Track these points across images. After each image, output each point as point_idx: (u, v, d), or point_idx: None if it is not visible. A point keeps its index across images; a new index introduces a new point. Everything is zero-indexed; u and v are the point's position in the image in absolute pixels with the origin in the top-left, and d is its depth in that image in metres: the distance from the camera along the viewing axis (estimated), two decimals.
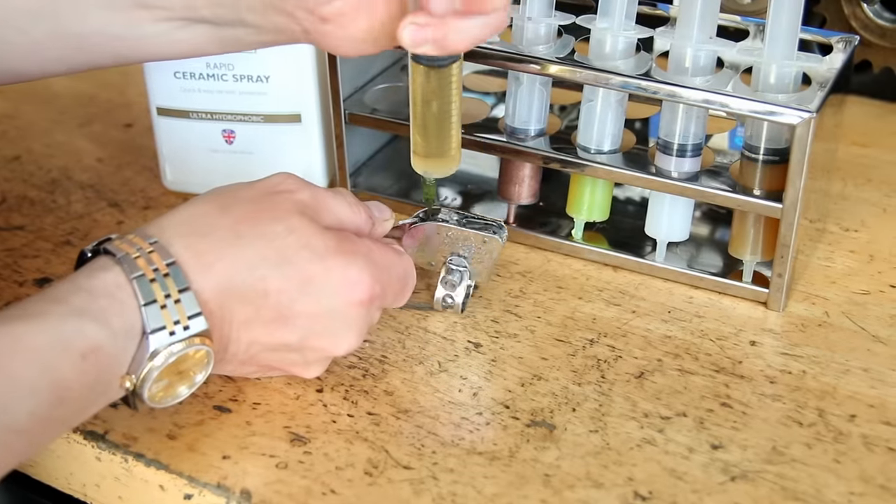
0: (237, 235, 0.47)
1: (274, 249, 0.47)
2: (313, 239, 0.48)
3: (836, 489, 0.47)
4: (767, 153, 0.57)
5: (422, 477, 0.48)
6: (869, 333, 0.56)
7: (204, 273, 0.46)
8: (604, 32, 0.58)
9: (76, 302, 0.43)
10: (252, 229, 0.47)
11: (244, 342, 0.48)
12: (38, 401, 0.41)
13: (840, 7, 0.75)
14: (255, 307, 0.47)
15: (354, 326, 0.49)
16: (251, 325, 0.48)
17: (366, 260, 0.49)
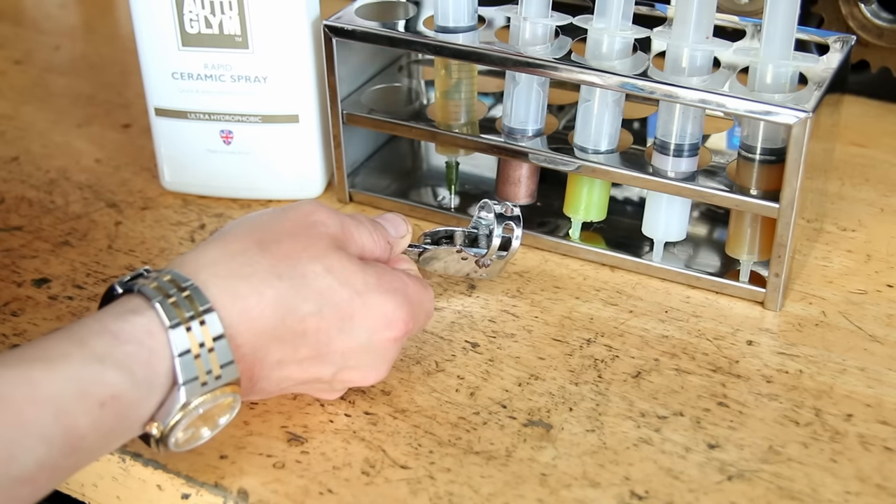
0: (277, 276, 0.46)
1: (314, 290, 0.46)
2: (352, 277, 0.47)
3: (832, 488, 0.47)
4: (764, 153, 0.57)
5: (419, 476, 0.48)
6: (866, 333, 0.56)
7: (242, 318, 0.44)
8: (600, 33, 0.58)
9: (100, 346, 0.41)
10: (291, 269, 0.46)
11: (275, 379, 0.47)
12: (49, 450, 0.39)
13: (837, 7, 0.75)
14: (293, 347, 0.46)
15: (387, 360, 0.49)
16: (285, 364, 0.47)
17: (403, 296, 0.49)
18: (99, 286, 0.60)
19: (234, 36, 0.63)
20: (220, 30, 0.63)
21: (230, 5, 0.62)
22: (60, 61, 0.88)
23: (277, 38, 0.63)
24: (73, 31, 0.94)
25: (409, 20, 0.63)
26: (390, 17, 0.64)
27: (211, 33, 0.63)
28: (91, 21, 0.96)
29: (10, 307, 0.59)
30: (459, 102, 0.64)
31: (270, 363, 0.46)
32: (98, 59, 0.88)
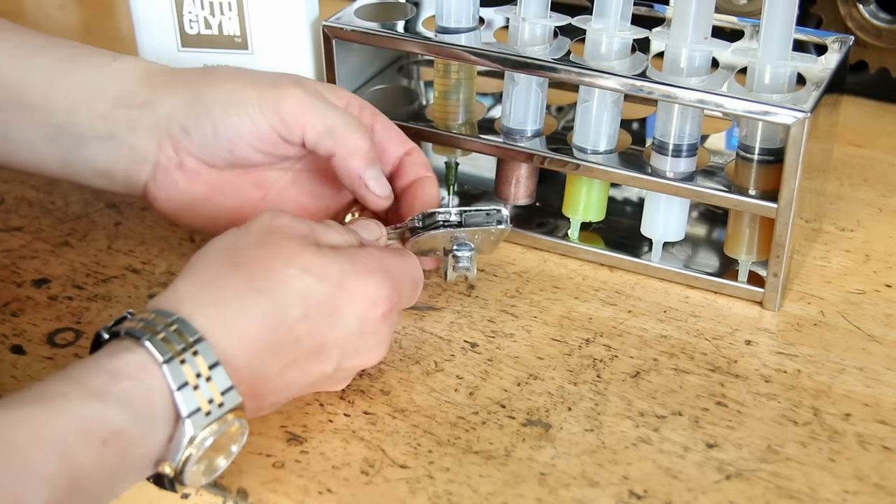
0: (258, 291, 0.45)
1: (296, 294, 0.46)
2: (328, 269, 0.47)
3: (830, 488, 0.47)
4: (762, 153, 0.57)
5: (418, 476, 0.48)
6: (864, 333, 0.57)
7: (232, 341, 0.44)
8: (599, 33, 0.58)
9: (97, 384, 0.41)
10: (269, 280, 0.46)
11: (281, 389, 0.47)
12: (53, 492, 0.39)
13: (836, 8, 0.75)
14: (290, 355, 0.46)
15: (382, 338, 0.49)
16: (287, 371, 0.46)
17: (382, 273, 0.49)
18: (99, 286, 0.60)
19: (233, 37, 0.63)
20: (219, 31, 0.63)
21: (229, 6, 0.63)
22: None
23: (277, 38, 0.63)
24: (74, 33, 0.94)
25: (409, 21, 0.64)
26: (389, 18, 0.64)
27: (210, 34, 0.64)
28: (91, 22, 0.96)
29: (10, 307, 0.59)
30: (458, 103, 0.64)
31: (272, 376, 0.46)
32: None
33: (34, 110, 0.55)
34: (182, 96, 0.54)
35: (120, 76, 0.55)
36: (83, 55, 0.56)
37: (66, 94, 0.54)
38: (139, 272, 0.62)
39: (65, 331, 0.57)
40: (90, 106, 0.54)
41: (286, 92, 0.53)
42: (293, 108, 0.53)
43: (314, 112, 0.53)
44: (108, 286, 0.60)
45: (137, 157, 0.55)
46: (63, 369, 0.42)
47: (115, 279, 0.61)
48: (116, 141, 0.55)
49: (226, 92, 0.53)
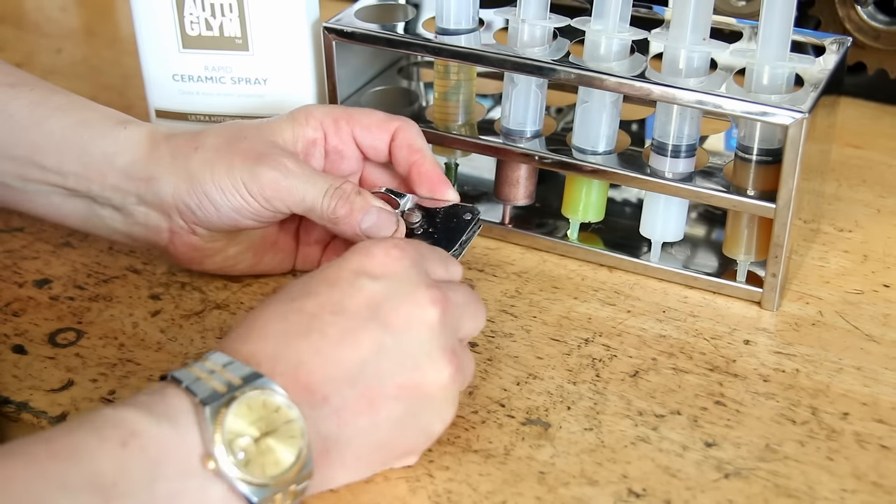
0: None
1: (335, 289, 0.46)
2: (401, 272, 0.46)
3: (828, 486, 0.47)
4: (761, 154, 0.57)
5: (418, 475, 0.48)
6: (862, 332, 0.57)
7: (250, 340, 0.44)
8: (598, 34, 0.58)
9: (114, 408, 0.41)
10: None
11: (335, 377, 0.44)
12: (76, 499, 0.38)
13: (834, 9, 0.75)
14: (317, 332, 0.44)
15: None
16: (323, 351, 0.44)
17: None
18: (100, 287, 0.61)
19: (234, 38, 0.64)
20: (220, 32, 0.64)
21: (230, 7, 0.63)
22: (62, 64, 0.88)
23: (277, 40, 0.64)
24: (75, 34, 0.94)
25: (409, 22, 0.64)
26: (390, 20, 0.64)
27: (211, 35, 0.64)
28: (92, 24, 0.96)
29: (11, 307, 0.59)
30: (458, 104, 0.65)
31: (309, 360, 0.43)
32: (99, 61, 0.88)
33: (48, 173, 0.56)
34: (180, 175, 0.55)
35: (129, 147, 0.56)
36: (95, 121, 0.56)
37: (78, 162, 0.56)
38: (140, 273, 0.62)
39: (66, 331, 0.57)
40: (102, 176, 0.56)
41: (264, 176, 0.53)
42: (274, 192, 0.54)
43: (293, 194, 0.54)
44: (109, 286, 0.61)
45: (151, 226, 0.57)
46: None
47: (116, 279, 0.61)
48: (129, 210, 0.56)
49: (216, 174, 0.54)
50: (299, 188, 0.54)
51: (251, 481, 0.40)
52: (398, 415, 0.45)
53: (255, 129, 0.56)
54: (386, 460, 0.47)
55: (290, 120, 0.57)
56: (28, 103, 0.57)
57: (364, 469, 0.46)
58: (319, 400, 0.43)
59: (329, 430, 0.43)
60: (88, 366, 0.55)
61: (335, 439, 0.43)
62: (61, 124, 0.56)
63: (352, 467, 0.45)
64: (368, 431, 0.44)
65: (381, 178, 0.59)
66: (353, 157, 0.58)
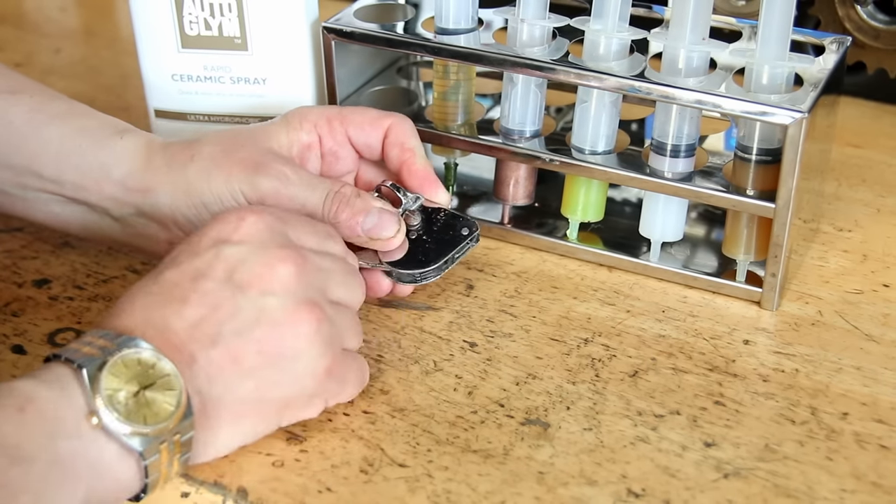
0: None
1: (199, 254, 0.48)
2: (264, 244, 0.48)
3: (828, 486, 0.47)
4: (760, 153, 0.57)
5: (417, 475, 0.48)
6: (862, 332, 0.57)
7: (123, 310, 0.46)
8: (598, 34, 0.58)
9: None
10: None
11: (199, 338, 0.46)
12: None
13: (834, 9, 0.75)
14: (172, 296, 0.46)
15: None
16: (182, 312, 0.46)
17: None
18: (99, 287, 0.61)
19: (233, 38, 0.64)
20: (219, 32, 0.64)
21: (229, 7, 0.63)
22: (61, 64, 0.88)
23: (277, 39, 0.64)
24: (74, 34, 0.94)
25: (408, 22, 0.64)
26: (389, 19, 0.64)
27: (210, 35, 0.64)
28: (91, 24, 0.96)
29: (10, 307, 0.59)
30: (457, 104, 0.65)
31: (173, 324, 0.45)
32: (98, 61, 0.88)
33: (46, 181, 0.56)
34: (177, 185, 0.55)
35: (126, 157, 0.56)
36: (93, 130, 0.56)
37: (75, 171, 0.56)
38: (139, 273, 0.62)
39: (65, 331, 0.57)
40: (99, 186, 0.56)
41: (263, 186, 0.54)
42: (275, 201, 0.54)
43: (294, 202, 0.54)
44: (108, 286, 0.61)
45: (148, 235, 0.57)
46: None
47: (115, 279, 0.61)
48: (127, 221, 0.57)
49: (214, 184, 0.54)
50: (300, 195, 0.54)
51: (135, 431, 0.43)
52: (262, 368, 0.46)
53: (251, 135, 0.56)
54: (267, 417, 0.48)
55: (284, 124, 0.57)
56: (27, 110, 0.56)
57: (247, 426, 0.47)
58: (187, 359, 0.45)
59: (201, 386, 0.45)
60: None
61: (208, 395, 0.45)
62: (59, 132, 0.56)
63: (231, 423, 0.46)
64: (237, 387, 0.46)
65: (377, 176, 0.59)
66: (348, 156, 0.58)
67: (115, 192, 0.56)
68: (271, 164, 0.54)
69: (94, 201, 0.56)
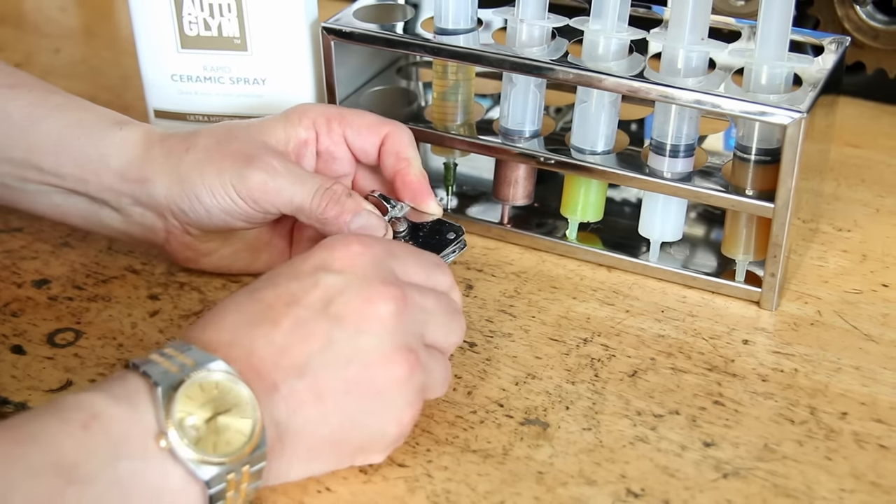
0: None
1: (295, 281, 0.46)
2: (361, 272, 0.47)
3: (827, 486, 0.47)
4: (759, 153, 0.57)
5: (416, 475, 0.48)
6: (861, 332, 0.57)
7: (209, 328, 0.45)
8: (597, 34, 0.58)
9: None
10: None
11: (286, 366, 0.44)
12: (40, 481, 0.38)
13: (833, 9, 0.75)
14: (268, 319, 0.44)
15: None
16: (274, 337, 0.44)
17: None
18: (99, 287, 0.61)
19: (232, 38, 0.64)
20: (218, 32, 0.64)
21: (229, 7, 0.63)
22: (61, 64, 0.88)
23: (276, 40, 0.64)
24: (74, 34, 0.94)
25: (408, 22, 0.64)
26: (388, 20, 0.64)
27: (210, 35, 0.64)
28: (91, 24, 0.96)
29: (10, 308, 0.59)
30: (457, 104, 0.65)
31: (261, 348, 0.44)
32: (98, 61, 0.88)
33: (46, 174, 0.56)
34: (173, 176, 0.55)
35: (124, 148, 0.56)
36: (92, 122, 0.57)
37: (74, 163, 0.56)
38: (139, 273, 0.62)
39: (65, 331, 0.57)
40: (98, 177, 0.56)
41: (252, 178, 0.54)
42: (262, 194, 0.54)
43: (280, 196, 0.54)
44: (108, 287, 0.61)
45: (147, 226, 0.57)
46: None
47: (115, 280, 0.61)
48: (126, 211, 0.57)
49: (206, 176, 0.54)
50: (287, 189, 0.54)
51: (203, 459, 0.41)
52: (347, 409, 0.44)
53: (246, 129, 0.56)
54: (341, 456, 0.46)
55: (282, 119, 0.57)
56: (26, 104, 0.57)
57: (319, 463, 0.46)
58: (269, 386, 0.43)
59: (280, 416, 0.43)
60: (87, 366, 0.55)
61: (286, 427, 0.44)
62: (58, 125, 0.56)
63: (305, 459, 0.45)
64: (318, 423, 0.44)
65: (374, 183, 0.59)
66: (344, 159, 0.58)
67: (113, 183, 0.56)
68: (262, 156, 0.54)
69: (93, 192, 0.56)
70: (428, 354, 0.47)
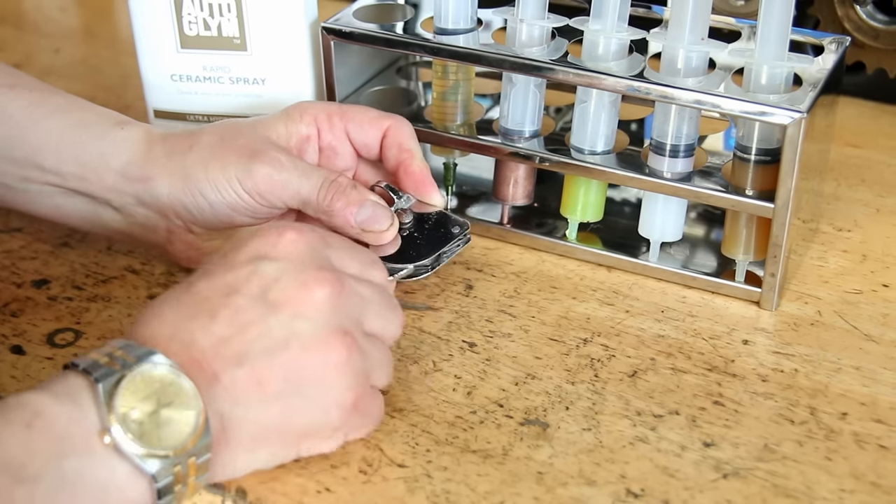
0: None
1: (231, 268, 0.47)
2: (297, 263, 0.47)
3: (826, 486, 0.47)
4: (759, 153, 0.57)
5: (416, 475, 0.48)
6: (861, 332, 0.57)
7: (147, 322, 0.45)
8: (597, 34, 0.58)
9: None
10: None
11: (224, 356, 0.44)
12: None
13: (833, 9, 0.75)
14: (200, 310, 0.45)
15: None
16: (208, 328, 0.44)
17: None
18: (98, 287, 0.61)
19: (232, 38, 0.64)
20: (218, 32, 0.64)
21: (228, 7, 0.63)
22: (60, 64, 0.88)
23: (276, 40, 0.64)
24: (73, 34, 0.94)
25: (407, 22, 0.64)
26: (388, 19, 0.64)
27: (209, 35, 0.64)
28: (91, 24, 0.96)
29: (9, 308, 0.59)
30: (457, 104, 0.65)
31: (198, 340, 0.44)
32: (98, 61, 0.88)
33: (48, 174, 0.56)
34: (176, 175, 0.55)
35: (126, 147, 0.56)
36: (93, 122, 0.57)
37: (76, 163, 0.56)
38: (139, 273, 0.62)
39: (64, 331, 0.57)
40: (99, 177, 0.56)
41: (258, 172, 0.54)
42: (268, 187, 0.54)
43: (287, 189, 0.54)
44: (107, 287, 0.61)
45: (149, 226, 0.57)
46: None
47: (114, 280, 0.61)
48: (128, 211, 0.57)
49: (211, 172, 0.54)
50: (294, 182, 0.54)
51: (149, 453, 0.41)
52: (287, 395, 0.44)
53: (250, 125, 0.57)
54: (286, 444, 0.46)
55: (284, 116, 0.57)
56: (27, 104, 0.57)
57: (265, 453, 0.46)
58: (210, 377, 0.43)
59: (222, 407, 0.43)
60: None
61: (229, 417, 0.44)
62: (59, 125, 0.56)
63: (250, 447, 0.45)
64: (260, 410, 0.44)
65: (374, 177, 0.60)
66: (346, 153, 0.58)
67: (115, 183, 0.56)
68: (267, 151, 0.55)
69: (95, 192, 0.56)
70: (366, 340, 0.47)
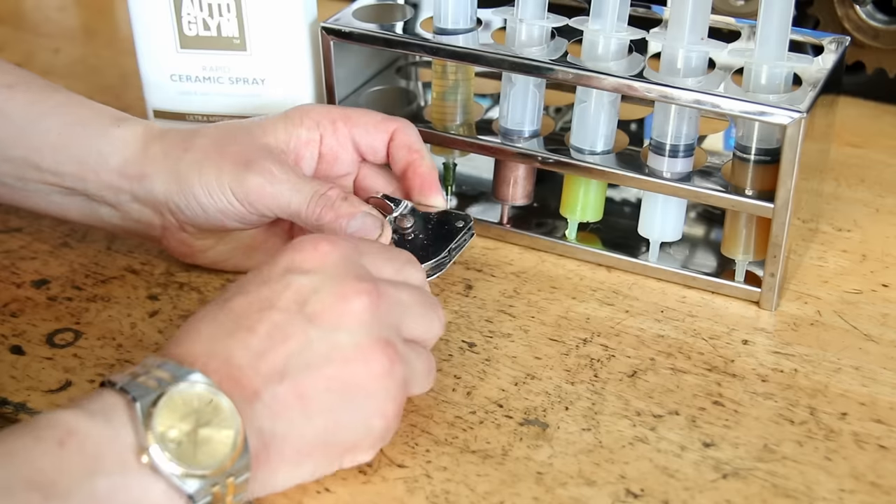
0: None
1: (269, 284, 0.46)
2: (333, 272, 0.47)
3: (826, 486, 0.47)
4: (759, 153, 0.57)
5: (415, 475, 0.48)
6: (861, 332, 0.57)
7: (187, 341, 0.44)
8: (596, 34, 0.58)
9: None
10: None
11: (265, 373, 0.43)
12: (14, 499, 0.37)
13: (833, 9, 0.75)
14: (242, 327, 0.44)
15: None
16: (249, 344, 0.44)
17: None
18: (98, 287, 0.61)
19: (232, 38, 0.64)
20: (218, 32, 0.64)
21: (228, 7, 0.63)
22: (60, 64, 0.88)
23: (275, 40, 0.64)
24: (73, 34, 0.94)
25: (407, 22, 0.64)
26: (388, 19, 0.64)
27: (209, 35, 0.64)
28: (90, 24, 0.96)
29: (9, 308, 0.59)
30: (456, 104, 0.65)
31: (239, 358, 0.43)
32: (97, 61, 0.88)
33: (45, 173, 0.57)
34: (170, 174, 0.55)
35: (123, 145, 0.56)
36: (91, 120, 0.57)
37: (73, 161, 0.56)
38: (138, 273, 0.62)
39: (64, 331, 0.57)
40: (97, 174, 0.56)
41: (250, 182, 0.54)
42: (258, 198, 0.54)
43: (278, 200, 0.54)
44: (107, 287, 0.61)
45: (144, 221, 0.58)
46: None
47: (114, 280, 0.61)
48: (124, 207, 0.57)
49: (204, 176, 0.54)
50: (284, 194, 0.54)
51: (187, 473, 0.40)
52: (330, 408, 0.44)
53: (247, 130, 0.56)
54: (330, 457, 0.46)
55: (284, 119, 0.57)
56: (25, 103, 0.57)
57: (308, 467, 0.45)
58: (251, 395, 0.43)
59: (263, 424, 0.43)
60: (86, 366, 0.55)
61: (271, 433, 0.43)
62: (57, 123, 0.56)
63: (293, 463, 0.44)
64: (302, 425, 0.44)
65: (377, 180, 0.59)
66: (347, 159, 0.58)
67: (112, 180, 0.56)
68: (261, 161, 0.54)
69: (92, 191, 0.57)
70: (408, 348, 0.47)
